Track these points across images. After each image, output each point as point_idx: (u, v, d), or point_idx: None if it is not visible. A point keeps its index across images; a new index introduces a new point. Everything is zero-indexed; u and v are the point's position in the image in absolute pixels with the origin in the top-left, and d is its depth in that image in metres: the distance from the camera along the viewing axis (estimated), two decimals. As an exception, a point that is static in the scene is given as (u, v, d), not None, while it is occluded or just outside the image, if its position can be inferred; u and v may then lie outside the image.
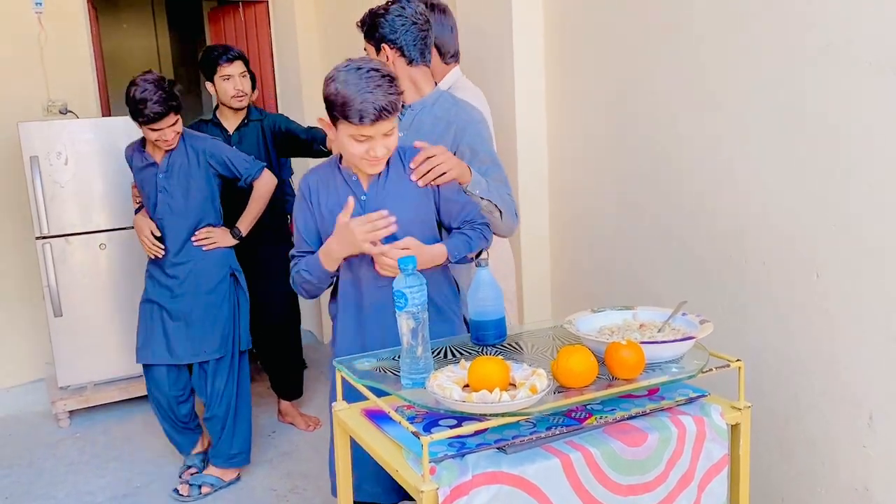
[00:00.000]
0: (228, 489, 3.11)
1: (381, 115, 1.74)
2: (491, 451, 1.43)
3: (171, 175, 2.95)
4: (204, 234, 3.00)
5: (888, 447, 1.75)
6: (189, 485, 3.08)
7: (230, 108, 3.39)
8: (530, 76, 2.72)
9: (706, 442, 1.56)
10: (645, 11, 2.28)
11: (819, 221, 1.83)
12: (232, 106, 3.37)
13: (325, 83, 1.80)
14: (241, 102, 3.37)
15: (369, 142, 1.79)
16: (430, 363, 1.62)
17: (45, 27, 4.13)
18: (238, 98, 3.34)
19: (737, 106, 2.02)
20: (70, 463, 3.42)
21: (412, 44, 2.06)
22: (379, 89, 1.73)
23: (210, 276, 3.03)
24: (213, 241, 3.01)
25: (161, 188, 2.95)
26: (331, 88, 1.77)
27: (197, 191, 2.98)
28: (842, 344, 1.82)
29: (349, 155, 1.84)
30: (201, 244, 3.00)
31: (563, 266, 2.81)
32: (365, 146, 1.79)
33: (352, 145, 1.80)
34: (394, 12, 2.06)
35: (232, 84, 3.32)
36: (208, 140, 3.06)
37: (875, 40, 1.66)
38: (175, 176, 2.95)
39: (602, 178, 2.54)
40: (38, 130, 3.67)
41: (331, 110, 1.80)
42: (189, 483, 3.08)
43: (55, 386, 3.90)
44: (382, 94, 1.73)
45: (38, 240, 3.71)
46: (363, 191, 1.91)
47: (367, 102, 1.72)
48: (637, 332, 1.73)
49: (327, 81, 1.79)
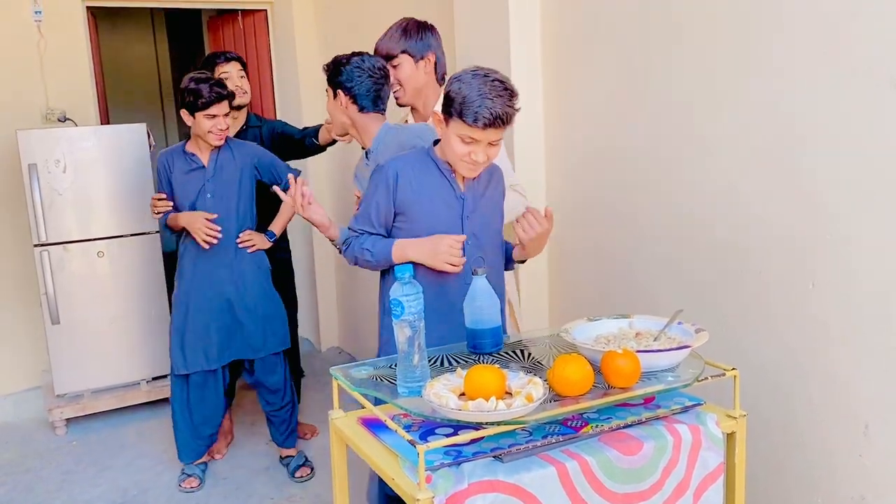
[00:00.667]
0: (226, 498, 3.11)
1: (494, 122, 1.81)
2: (487, 460, 1.43)
3: (218, 178, 3.01)
4: (246, 236, 3.07)
5: (884, 457, 1.75)
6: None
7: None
8: (528, 87, 2.72)
9: (702, 450, 1.57)
10: (644, 22, 2.29)
11: (815, 231, 1.84)
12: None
13: (448, 81, 1.89)
14: (241, 98, 3.38)
15: (474, 145, 1.86)
16: (427, 371, 1.62)
17: (44, 35, 4.15)
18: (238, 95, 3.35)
19: (735, 116, 2.03)
20: (66, 471, 3.42)
21: (365, 93, 2.31)
22: (500, 98, 1.81)
23: (256, 274, 3.11)
24: (253, 243, 3.08)
25: (209, 191, 3.00)
26: (454, 86, 1.84)
27: (242, 194, 3.06)
28: (837, 353, 1.82)
29: (451, 152, 1.91)
30: (244, 246, 3.07)
31: (560, 274, 2.81)
32: (469, 148, 1.87)
33: (457, 144, 1.87)
34: (353, 64, 2.32)
35: (231, 82, 3.32)
36: (255, 146, 3.16)
37: (872, 53, 1.67)
38: (222, 179, 3.02)
39: (599, 188, 2.55)
40: (36, 138, 3.68)
41: (448, 106, 1.86)
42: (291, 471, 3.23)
43: (52, 393, 3.89)
44: (501, 104, 1.81)
45: (35, 247, 3.71)
46: (461, 191, 1.99)
47: (485, 107, 1.79)
48: (633, 340, 1.74)
49: (451, 80, 1.87)
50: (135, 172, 3.85)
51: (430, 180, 1.98)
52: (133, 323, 3.92)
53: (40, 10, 4.14)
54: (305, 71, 4.59)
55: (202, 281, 3.06)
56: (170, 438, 3.66)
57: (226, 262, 3.05)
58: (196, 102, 2.87)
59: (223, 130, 2.94)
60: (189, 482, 3.16)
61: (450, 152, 1.92)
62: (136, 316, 3.92)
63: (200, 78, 2.92)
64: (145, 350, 3.96)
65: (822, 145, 1.80)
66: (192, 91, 2.88)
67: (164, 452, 3.53)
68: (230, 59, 3.42)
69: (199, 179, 3.01)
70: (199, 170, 3.01)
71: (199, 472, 3.20)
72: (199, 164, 3.01)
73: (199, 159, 3.01)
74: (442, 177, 1.98)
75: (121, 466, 3.43)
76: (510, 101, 1.83)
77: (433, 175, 1.98)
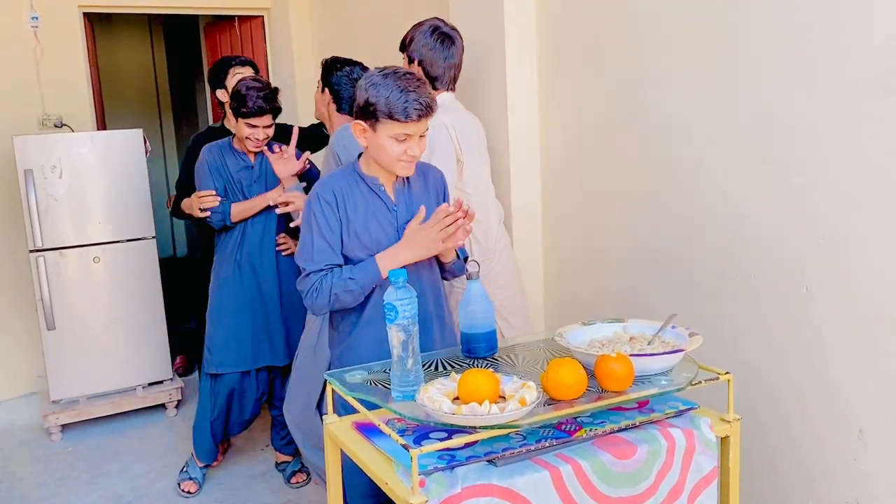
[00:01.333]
0: (222, 503, 3.10)
1: (425, 111, 1.84)
2: (481, 464, 1.43)
3: (263, 180, 3.02)
4: (282, 239, 3.06)
5: (878, 461, 1.76)
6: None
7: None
8: (523, 94, 2.73)
9: (696, 454, 1.57)
10: (637, 29, 2.30)
11: (808, 235, 1.84)
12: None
13: (359, 90, 1.87)
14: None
15: (408, 141, 1.87)
16: (421, 375, 1.62)
17: (40, 41, 4.15)
18: None
19: (726, 122, 2.03)
20: (61, 477, 3.40)
21: (345, 99, 2.65)
22: (419, 89, 1.84)
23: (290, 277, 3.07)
24: (288, 246, 3.07)
25: (255, 191, 3.00)
26: (370, 92, 1.84)
27: None
28: (831, 357, 1.82)
29: (385, 156, 1.89)
30: (280, 250, 3.06)
31: (556, 279, 2.81)
32: (404, 146, 1.87)
33: (391, 145, 1.87)
34: (344, 71, 2.67)
35: None
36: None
37: (861, 59, 1.68)
38: (266, 180, 3.02)
39: (594, 193, 2.56)
40: (33, 144, 3.68)
41: (368, 114, 1.86)
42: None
43: (47, 399, 3.88)
44: (424, 93, 1.84)
45: (31, 253, 3.70)
46: (392, 202, 1.98)
47: (412, 100, 1.82)
48: (627, 344, 1.74)
49: (362, 88, 1.86)
50: (131, 178, 3.84)
51: (361, 197, 1.96)
52: (129, 329, 3.91)
53: (37, 16, 4.14)
54: (302, 77, 4.59)
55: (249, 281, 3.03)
56: (165, 444, 3.67)
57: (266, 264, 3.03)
58: (239, 109, 2.86)
59: (260, 140, 2.92)
60: (188, 485, 3.15)
61: (384, 157, 1.89)
62: (132, 322, 3.91)
63: (252, 85, 2.87)
64: (141, 356, 3.95)
65: (813, 151, 1.81)
66: (239, 96, 2.85)
67: (160, 458, 3.51)
68: (245, 64, 3.41)
69: (246, 178, 3.01)
70: (246, 169, 3.01)
71: (202, 476, 3.20)
72: (249, 164, 3.01)
73: (248, 158, 3.01)
74: (371, 192, 1.96)
75: (116, 472, 3.42)
76: (427, 89, 1.86)
77: (363, 192, 1.96)
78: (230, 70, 3.36)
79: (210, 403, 3.09)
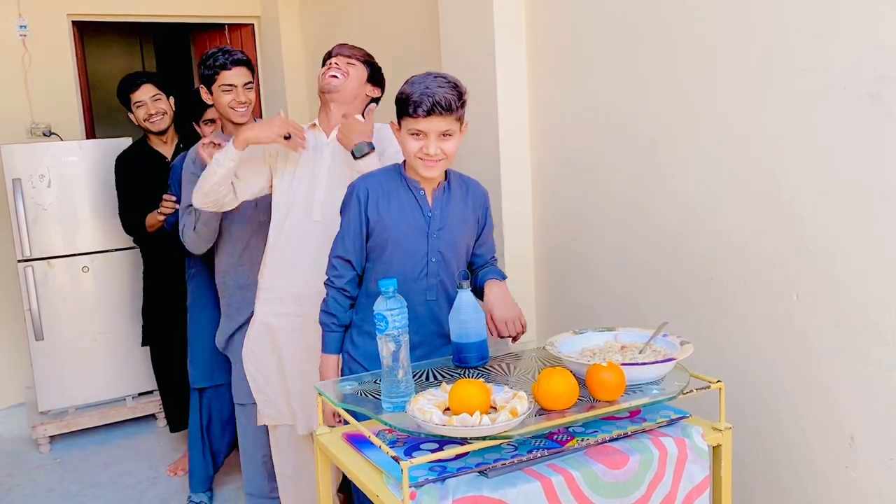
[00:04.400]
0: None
1: (433, 108, 1.82)
2: (472, 475, 1.42)
3: None
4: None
5: (869, 468, 1.75)
6: None
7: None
8: (513, 101, 2.73)
9: (688, 463, 1.56)
10: (626, 38, 2.30)
11: (799, 243, 1.85)
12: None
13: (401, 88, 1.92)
14: (158, 126, 3.26)
15: (424, 139, 1.87)
16: (412, 386, 1.61)
17: (29, 49, 4.14)
18: (152, 122, 3.25)
19: (717, 130, 2.04)
20: (50, 489, 3.37)
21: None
22: (441, 89, 1.84)
23: None
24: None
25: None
26: (403, 88, 1.89)
27: None
28: (822, 364, 1.82)
29: (407, 155, 1.93)
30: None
31: (546, 287, 2.81)
32: (420, 143, 1.88)
33: (409, 142, 1.89)
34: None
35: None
36: None
37: (850, 67, 1.69)
38: None
39: (584, 201, 2.56)
40: (21, 152, 3.66)
41: (397, 109, 1.90)
42: None
43: (36, 410, 3.84)
44: (441, 92, 1.83)
45: (19, 262, 3.67)
46: (429, 207, 1.98)
47: (424, 95, 1.83)
48: (618, 353, 1.73)
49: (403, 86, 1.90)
50: (120, 187, 3.83)
51: (398, 197, 1.98)
52: (118, 339, 3.89)
53: (25, 25, 4.13)
54: (292, 85, 4.59)
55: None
56: (155, 455, 3.64)
57: None
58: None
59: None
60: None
61: (406, 154, 1.94)
62: (121, 332, 3.89)
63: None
64: (130, 366, 3.92)
65: (802, 159, 1.81)
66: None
67: (149, 469, 3.49)
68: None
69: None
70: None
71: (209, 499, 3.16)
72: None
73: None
74: (409, 193, 1.98)
75: (105, 484, 3.39)
76: (451, 91, 1.85)
77: (401, 192, 1.98)
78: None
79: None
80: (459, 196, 2.04)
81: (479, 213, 2.09)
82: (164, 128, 3.28)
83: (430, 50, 3.20)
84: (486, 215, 2.11)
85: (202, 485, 3.13)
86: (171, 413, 3.57)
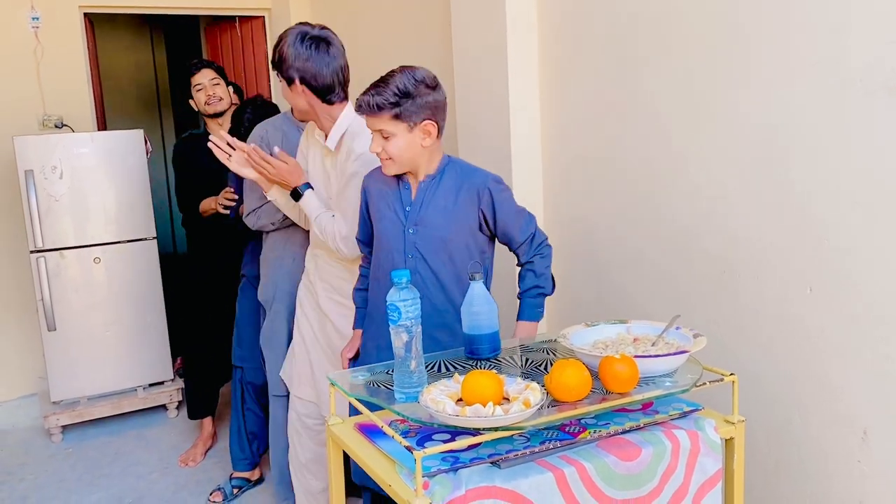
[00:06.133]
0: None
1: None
2: (484, 466, 1.42)
3: None
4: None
5: (883, 462, 1.75)
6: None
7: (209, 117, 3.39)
8: (525, 98, 2.72)
9: (700, 456, 1.56)
10: (636, 34, 2.29)
11: (812, 237, 1.83)
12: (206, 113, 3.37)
13: None
14: (214, 108, 3.36)
15: (374, 136, 1.92)
16: (424, 377, 1.62)
17: (41, 41, 4.14)
18: (210, 104, 3.35)
19: (731, 124, 2.03)
20: (62, 479, 3.40)
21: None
22: (374, 89, 1.88)
23: None
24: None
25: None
26: None
27: None
28: (836, 359, 1.82)
29: None
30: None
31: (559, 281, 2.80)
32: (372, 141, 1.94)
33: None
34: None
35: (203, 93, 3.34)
36: None
37: (866, 60, 1.68)
38: None
39: (595, 197, 2.55)
40: (33, 144, 3.67)
41: None
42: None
43: (48, 400, 3.87)
44: (371, 94, 1.87)
45: (32, 253, 3.70)
46: (410, 200, 1.99)
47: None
48: (631, 345, 1.73)
49: None
50: (132, 179, 3.84)
51: (388, 190, 2.02)
52: (129, 329, 3.91)
53: (38, 17, 4.14)
54: (303, 77, 4.58)
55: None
56: (166, 445, 3.67)
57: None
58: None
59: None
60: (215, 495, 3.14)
61: None
62: (133, 322, 3.91)
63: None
64: (142, 357, 3.95)
65: (815, 152, 1.80)
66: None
67: (160, 460, 3.51)
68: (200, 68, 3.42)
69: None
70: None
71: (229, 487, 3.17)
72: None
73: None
74: (396, 187, 2.01)
75: (117, 474, 3.41)
76: (381, 92, 1.85)
77: (391, 185, 2.02)
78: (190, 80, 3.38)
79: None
80: (449, 189, 1.96)
81: (481, 202, 1.96)
82: (220, 111, 3.37)
83: (442, 38, 3.20)
84: (491, 202, 1.97)
85: (238, 464, 3.17)
86: (193, 399, 3.61)
